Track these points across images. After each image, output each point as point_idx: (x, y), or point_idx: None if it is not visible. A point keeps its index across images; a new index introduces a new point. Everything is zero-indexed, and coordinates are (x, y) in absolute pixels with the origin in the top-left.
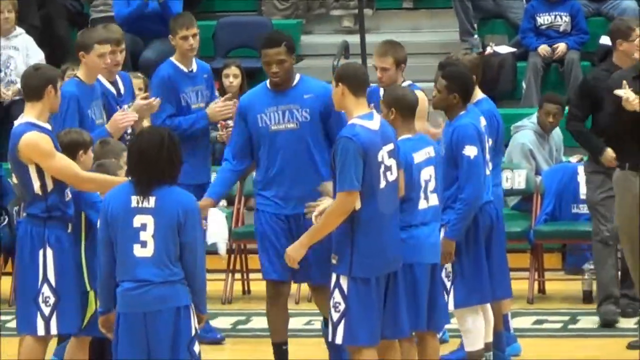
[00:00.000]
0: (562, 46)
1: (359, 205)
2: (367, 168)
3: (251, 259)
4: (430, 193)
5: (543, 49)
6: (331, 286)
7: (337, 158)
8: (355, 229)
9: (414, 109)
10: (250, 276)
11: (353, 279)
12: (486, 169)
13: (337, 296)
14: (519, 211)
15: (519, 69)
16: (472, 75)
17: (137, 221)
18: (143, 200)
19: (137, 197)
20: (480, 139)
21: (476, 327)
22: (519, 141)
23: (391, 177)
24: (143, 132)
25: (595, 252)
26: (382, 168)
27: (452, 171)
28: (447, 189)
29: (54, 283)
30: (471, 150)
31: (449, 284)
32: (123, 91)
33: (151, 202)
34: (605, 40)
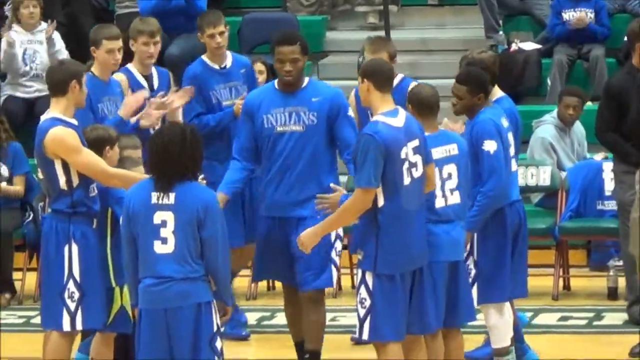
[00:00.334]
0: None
1: (382, 202)
2: (390, 165)
3: None
4: (450, 191)
5: (575, 17)
6: (357, 282)
7: (357, 155)
8: (380, 226)
9: (432, 106)
10: None
11: (378, 275)
12: (511, 166)
13: (363, 292)
14: (543, 208)
15: (544, 65)
16: (488, 72)
17: (157, 218)
18: (163, 197)
19: (157, 193)
20: (501, 134)
21: (503, 323)
22: (539, 135)
23: (417, 174)
24: (163, 129)
25: (624, 255)
26: (407, 165)
27: (475, 167)
28: (474, 186)
29: (79, 279)
30: (491, 145)
31: (470, 280)
32: (157, 86)
33: (171, 199)
34: None
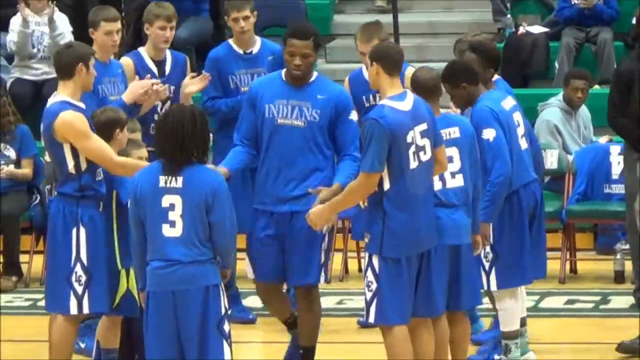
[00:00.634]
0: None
1: (387, 186)
2: (395, 149)
3: None
4: (451, 174)
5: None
6: (364, 265)
7: (363, 138)
8: (385, 209)
9: (431, 89)
10: None
11: (384, 258)
12: (521, 145)
13: (369, 275)
14: (550, 191)
15: (552, 48)
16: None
17: (165, 201)
18: (171, 180)
19: (165, 177)
20: (499, 118)
21: (513, 307)
22: (545, 118)
23: (424, 157)
24: (171, 111)
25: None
26: (413, 148)
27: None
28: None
29: (86, 262)
30: (489, 133)
31: (487, 264)
32: (168, 72)
33: (179, 182)
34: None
